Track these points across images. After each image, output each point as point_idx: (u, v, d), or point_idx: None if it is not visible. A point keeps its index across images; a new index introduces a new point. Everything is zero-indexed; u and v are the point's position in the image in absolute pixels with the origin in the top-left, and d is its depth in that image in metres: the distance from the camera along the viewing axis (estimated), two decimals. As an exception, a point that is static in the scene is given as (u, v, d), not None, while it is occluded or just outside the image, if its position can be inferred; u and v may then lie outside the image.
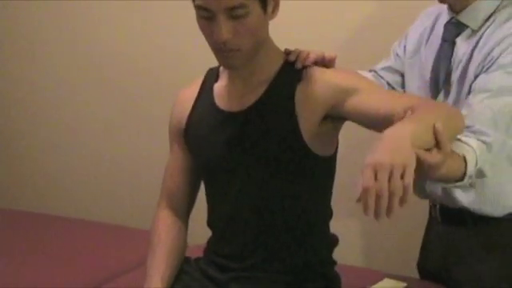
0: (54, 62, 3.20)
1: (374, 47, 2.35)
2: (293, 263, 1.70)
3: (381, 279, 2.05)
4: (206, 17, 1.56)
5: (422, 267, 2.08)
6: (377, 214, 1.26)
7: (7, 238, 2.56)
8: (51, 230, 2.65)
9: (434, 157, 1.37)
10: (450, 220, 1.91)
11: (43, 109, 3.28)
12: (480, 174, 1.65)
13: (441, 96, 1.85)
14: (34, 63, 3.25)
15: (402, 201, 1.26)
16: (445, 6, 1.85)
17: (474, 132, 1.63)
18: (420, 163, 1.33)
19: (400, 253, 2.41)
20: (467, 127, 1.63)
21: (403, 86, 2.01)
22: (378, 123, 1.52)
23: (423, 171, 1.35)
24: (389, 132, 1.34)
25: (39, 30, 3.20)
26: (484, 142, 1.63)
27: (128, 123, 3.09)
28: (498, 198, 1.82)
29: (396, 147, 1.29)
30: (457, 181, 1.57)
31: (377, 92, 1.61)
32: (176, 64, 2.89)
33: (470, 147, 1.59)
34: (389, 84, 2.03)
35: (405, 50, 1.99)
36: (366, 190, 1.26)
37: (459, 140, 1.59)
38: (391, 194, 1.25)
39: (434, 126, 1.37)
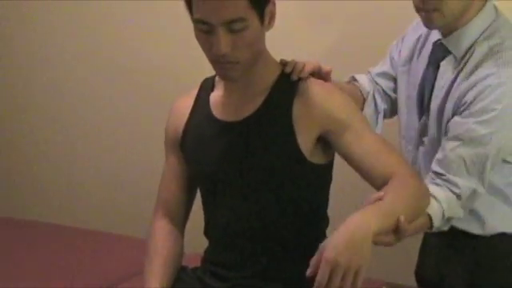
0: (53, 66, 3.20)
1: (368, 49, 2.35)
2: (290, 272, 1.70)
3: (379, 287, 2.05)
4: (205, 30, 1.56)
5: (419, 275, 2.08)
6: None
7: (5, 247, 2.56)
8: (48, 238, 2.65)
9: (389, 239, 1.51)
10: (442, 233, 1.91)
11: (40, 117, 3.28)
12: (452, 218, 1.73)
13: (425, 117, 1.86)
14: (32, 66, 3.25)
15: None
16: None
17: (445, 181, 1.70)
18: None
19: (398, 261, 2.41)
20: (440, 174, 1.71)
21: (396, 91, 2.01)
22: (358, 171, 1.65)
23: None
24: (353, 222, 1.44)
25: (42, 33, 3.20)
26: (453, 193, 1.70)
27: (125, 131, 3.09)
28: (485, 223, 1.83)
29: (356, 245, 1.41)
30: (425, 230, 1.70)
31: (366, 139, 1.64)
32: (173, 72, 2.89)
33: (437, 201, 1.67)
34: (384, 90, 2.03)
35: (399, 54, 1.99)
36: (318, 285, 1.41)
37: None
38: None
39: (398, 219, 1.48)
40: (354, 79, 2.03)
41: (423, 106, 1.86)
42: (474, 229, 1.83)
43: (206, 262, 1.81)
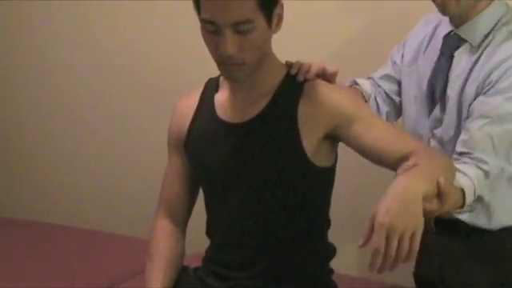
0: (53, 66, 3.19)
1: (371, 54, 2.36)
2: (291, 272, 1.71)
3: (378, 288, 2.06)
4: (212, 30, 1.56)
5: (417, 276, 2.08)
6: (380, 271, 1.39)
7: (5, 247, 2.56)
8: (49, 238, 2.65)
9: (433, 206, 1.48)
10: (443, 230, 1.92)
11: (40, 117, 3.28)
12: (479, 199, 1.72)
13: (437, 109, 1.86)
14: (32, 66, 3.24)
15: (407, 260, 1.39)
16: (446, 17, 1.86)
17: (473, 158, 1.69)
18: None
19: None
20: (466, 153, 1.70)
21: (400, 94, 2.02)
22: (374, 159, 1.63)
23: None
24: (400, 185, 1.42)
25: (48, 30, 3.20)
26: (482, 170, 1.68)
27: (126, 131, 3.09)
28: (492, 214, 1.83)
29: (409, 208, 1.38)
30: (456, 208, 1.65)
31: (377, 126, 1.64)
32: (173, 71, 2.89)
33: (468, 177, 1.66)
34: (386, 93, 2.04)
35: (402, 57, 2.00)
36: (376, 252, 1.37)
37: (457, 170, 1.64)
38: (398, 256, 1.37)
39: (438, 181, 1.46)
40: (355, 83, 2.04)
41: (434, 99, 1.87)
42: (480, 221, 1.84)
43: (207, 262, 1.81)
